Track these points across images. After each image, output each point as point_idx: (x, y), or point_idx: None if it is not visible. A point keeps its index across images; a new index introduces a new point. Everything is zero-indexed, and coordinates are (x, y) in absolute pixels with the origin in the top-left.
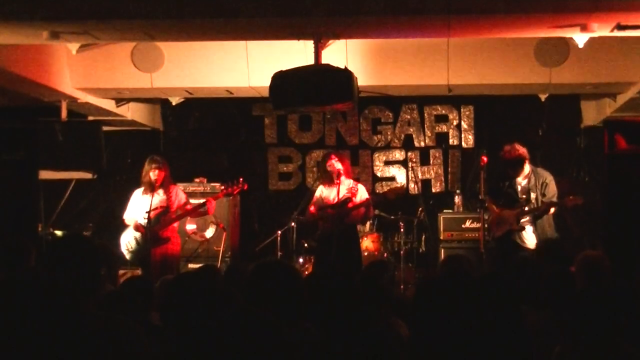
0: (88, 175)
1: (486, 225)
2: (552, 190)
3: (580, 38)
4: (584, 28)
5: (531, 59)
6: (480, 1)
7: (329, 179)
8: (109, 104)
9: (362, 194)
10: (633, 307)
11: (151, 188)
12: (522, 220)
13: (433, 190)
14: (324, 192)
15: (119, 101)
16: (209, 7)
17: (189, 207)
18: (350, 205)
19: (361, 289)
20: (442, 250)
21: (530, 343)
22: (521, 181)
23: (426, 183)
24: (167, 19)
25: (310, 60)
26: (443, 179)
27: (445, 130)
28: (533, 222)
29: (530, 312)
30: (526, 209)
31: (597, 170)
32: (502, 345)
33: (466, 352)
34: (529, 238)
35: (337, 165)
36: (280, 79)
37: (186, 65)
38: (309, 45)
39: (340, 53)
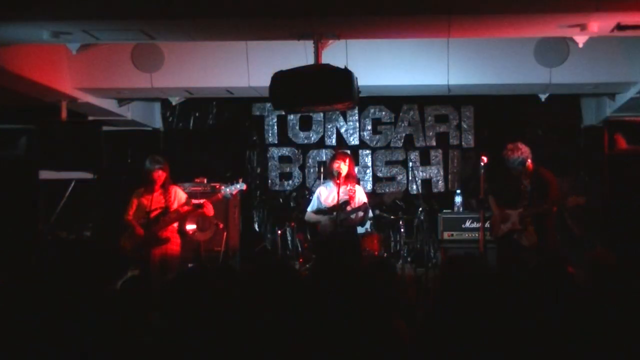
0: (88, 175)
1: (487, 225)
2: (554, 190)
3: (580, 38)
4: (584, 28)
5: (531, 59)
6: (480, 1)
7: (332, 178)
8: (109, 104)
9: (360, 196)
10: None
11: (151, 188)
12: (524, 220)
13: (433, 190)
14: (322, 193)
15: (121, 101)
16: (208, 7)
17: (186, 208)
18: (348, 208)
19: (361, 289)
20: (442, 250)
21: (530, 341)
22: (523, 180)
23: (426, 183)
24: (167, 19)
25: (310, 60)
26: (443, 179)
27: (446, 130)
28: (535, 222)
29: (530, 311)
30: (528, 208)
31: (597, 170)
32: (503, 344)
33: (467, 351)
34: (531, 238)
35: (343, 168)
36: (280, 78)
37: (186, 65)
38: (309, 45)
39: (340, 53)
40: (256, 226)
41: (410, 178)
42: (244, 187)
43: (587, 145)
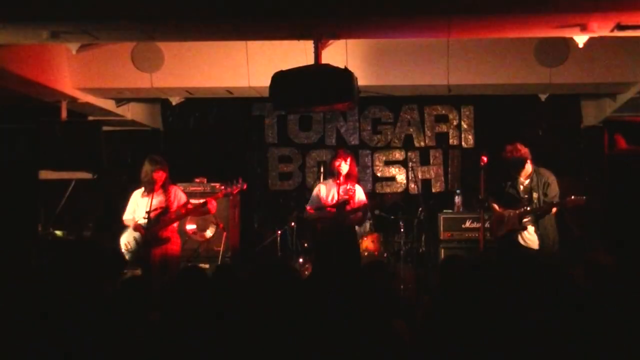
0: (88, 175)
1: (487, 225)
2: (554, 190)
3: (580, 38)
4: (584, 28)
5: (531, 59)
6: (480, 1)
7: (332, 176)
8: (109, 104)
9: (360, 196)
10: (633, 307)
11: (151, 188)
12: (524, 220)
13: (433, 190)
14: (322, 191)
15: (119, 101)
16: (208, 8)
17: (190, 206)
18: (348, 208)
19: (361, 289)
20: (442, 250)
21: (530, 341)
22: (523, 181)
23: (426, 183)
24: (167, 19)
25: (310, 60)
26: (443, 179)
27: (445, 130)
28: (535, 222)
29: (530, 311)
30: (528, 208)
31: (597, 170)
32: (503, 344)
33: (467, 351)
34: (531, 238)
35: (344, 167)
36: (281, 79)
37: (186, 65)
38: (309, 45)
39: (340, 53)
40: (256, 226)
41: (410, 178)
42: (244, 186)
43: (587, 145)
